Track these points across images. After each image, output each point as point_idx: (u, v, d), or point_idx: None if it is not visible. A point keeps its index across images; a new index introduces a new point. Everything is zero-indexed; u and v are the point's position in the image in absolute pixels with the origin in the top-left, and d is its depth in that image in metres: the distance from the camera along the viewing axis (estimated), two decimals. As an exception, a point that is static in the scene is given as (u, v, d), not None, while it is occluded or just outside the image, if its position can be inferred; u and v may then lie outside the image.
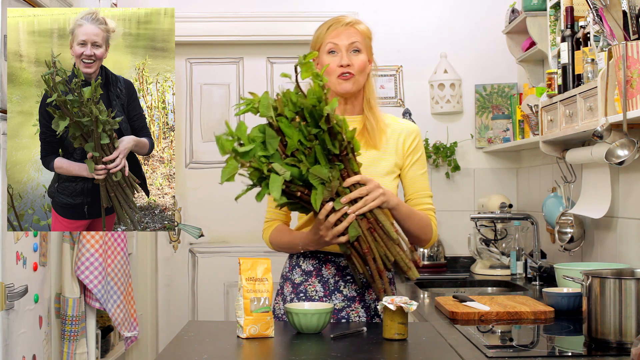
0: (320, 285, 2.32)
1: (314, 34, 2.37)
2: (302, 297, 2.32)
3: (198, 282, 4.37)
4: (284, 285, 2.39)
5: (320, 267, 2.33)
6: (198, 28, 4.22)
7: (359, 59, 2.31)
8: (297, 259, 2.37)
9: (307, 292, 2.32)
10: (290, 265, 2.39)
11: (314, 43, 2.35)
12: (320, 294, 2.31)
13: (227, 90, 4.40)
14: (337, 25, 2.32)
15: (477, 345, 2.01)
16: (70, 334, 2.96)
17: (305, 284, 2.33)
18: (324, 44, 2.31)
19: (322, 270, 2.32)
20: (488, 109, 4.20)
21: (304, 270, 2.34)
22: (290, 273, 2.38)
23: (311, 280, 2.33)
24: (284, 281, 2.40)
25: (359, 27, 2.35)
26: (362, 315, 2.31)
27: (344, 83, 2.30)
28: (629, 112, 2.27)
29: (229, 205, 4.34)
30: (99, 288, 3.04)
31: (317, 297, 2.31)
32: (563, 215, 3.11)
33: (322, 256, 2.33)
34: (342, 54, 2.29)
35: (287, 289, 2.37)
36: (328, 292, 2.31)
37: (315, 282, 2.32)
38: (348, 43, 2.30)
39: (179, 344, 2.00)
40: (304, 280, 2.33)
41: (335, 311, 2.30)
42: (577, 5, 2.81)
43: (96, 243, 3.05)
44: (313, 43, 2.36)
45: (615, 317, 1.94)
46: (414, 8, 4.26)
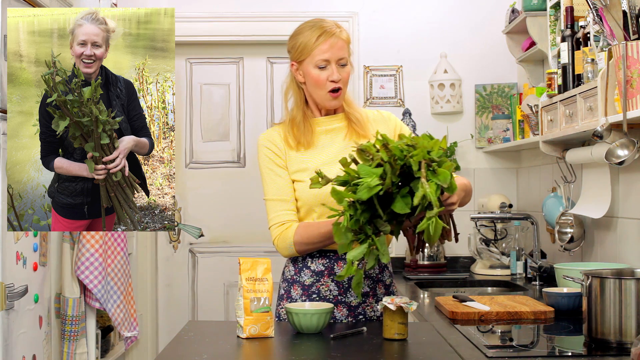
0: (334, 285, 2.31)
1: (298, 39, 2.33)
2: (315, 298, 2.30)
3: (198, 282, 4.37)
4: (290, 288, 2.34)
5: (332, 267, 2.31)
6: (198, 28, 4.22)
7: (346, 72, 2.34)
8: (304, 260, 2.33)
9: (320, 292, 2.30)
10: (297, 268, 2.34)
11: (301, 51, 2.32)
12: (335, 292, 2.30)
13: (227, 90, 4.40)
14: (327, 37, 2.29)
15: (477, 345, 2.01)
16: (70, 334, 2.96)
17: (317, 285, 2.31)
18: (313, 56, 2.30)
19: (335, 269, 2.31)
20: (488, 109, 4.20)
21: (313, 271, 2.31)
22: (297, 276, 2.33)
23: (323, 280, 2.31)
24: (290, 284, 2.34)
25: (344, 36, 2.34)
26: (377, 309, 2.32)
27: (333, 101, 2.33)
28: (629, 112, 2.27)
29: (229, 205, 4.35)
30: (99, 288, 3.04)
31: (331, 296, 2.30)
32: (563, 215, 3.11)
33: (333, 255, 2.32)
34: (333, 69, 2.30)
35: (295, 292, 2.32)
36: (343, 290, 2.30)
37: (328, 281, 2.31)
38: (338, 58, 2.31)
39: (179, 344, 2.00)
40: (316, 281, 2.31)
41: (352, 308, 2.30)
42: (577, 5, 2.81)
43: (96, 243, 3.05)
44: (298, 50, 2.32)
45: (615, 317, 1.94)
46: (414, 8, 4.26)
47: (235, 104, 4.39)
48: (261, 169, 2.38)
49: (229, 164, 4.37)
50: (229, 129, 4.38)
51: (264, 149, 2.36)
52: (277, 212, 2.31)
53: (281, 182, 2.33)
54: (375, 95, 4.23)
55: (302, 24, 2.38)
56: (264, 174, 2.38)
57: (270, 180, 2.35)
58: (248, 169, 4.36)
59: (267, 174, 2.36)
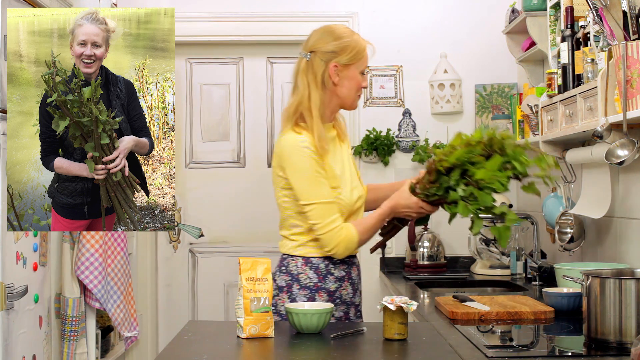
0: (351, 287, 2.47)
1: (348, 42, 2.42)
2: (337, 303, 2.42)
3: (198, 282, 4.37)
4: (315, 295, 2.40)
5: (350, 271, 2.47)
6: (198, 28, 4.22)
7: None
8: (328, 266, 2.41)
9: (342, 296, 2.44)
10: (321, 275, 2.41)
11: (354, 55, 2.42)
12: (350, 294, 2.47)
13: (227, 90, 4.40)
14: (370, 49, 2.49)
15: (477, 345, 2.01)
16: (70, 334, 2.96)
17: (340, 290, 2.43)
18: (364, 61, 2.45)
19: (351, 273, 2.47)
20: (488, 109, 4.20)
21: (337, 277, 2.43)
22: (322, 282, 2.41)
23: (344, 285, 2.45)
24: (314, 292, 2.40)
25: None
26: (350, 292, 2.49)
27: (357, 102, 2.51)
28: (629, 112, 2.27)
29: (229, 205, 4.35)
30: (99, 288, 3.04)
31: (348, 298, 2.45)
32: (563, 215, 3.11)
33: (348, 259, 2.47)
34: (366, 76, 2.49)
35: (320, 299, 2.40)
36: (354, 291, 2.49)
37: (347, 285, 2.45)
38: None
39: (179, 344, 2.00)
40: (338, 286, 2.43)
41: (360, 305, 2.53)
42: (577, 5, 2.81)
43: (96, 243, 3.05)
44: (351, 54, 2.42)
45: (615, 317, 1.94)
46: (414, 8, 4.25)
47: (235, 104, 4.39)
48: (306, 172, 2.35)
49: (229, 164, 4.37)
50: (229, 129, 4.38)
51: (309, 152, 2.35)
52: (331, 216, 2.35)
53: (327, 186, 2.37)
54: (375, 95, 4.23)
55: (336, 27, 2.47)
56: (310, 177, 2.35)
57: (319, 183, 2.36)
58: (248, 169, 4.36)
59: (315, 177, 2.35)
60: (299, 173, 2.34)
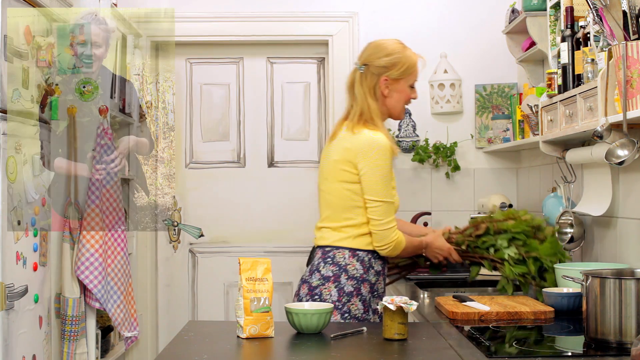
0: (383, 282, 2.63)
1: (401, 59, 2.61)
2: (376, 295, 2.56)
3: (198, 282, 4.37)
4: (360, 286, 2.51)
5: (384, 268, 2.62)
6: (198, 28, 4.22)
7: None
8: (370, 260, 2.54)
9: (378, 290, 2.59)
10: (365, 267, 2.54)
11: (405, 70, 2.61)
12: (383, 289, 2.64)
13: (227, 90, 4.40)
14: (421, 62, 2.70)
15: (477, 345, 2.01)
16: (70, 334, 2.96)
17: (377, 284, 2.58)
18: (414, 75, 2.65)
19: (385, 270, 2.64)
20: (488, 109, 4.20)
21: (376, 270, 2.57)
22: (366, 274, 2.53)
23: (380, 279, 2.60)
24: (360, 282, 2.52)
25: None
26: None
27: (404, 112, 2.70)
28: (629, 112, 2.27)
29: (229, 205, 4.35)
30: (99, 288, 3.04)
31: (382, 292, 2.61)
32: (563, 215, 3.11)
33: (384, 258, 2.60)
34: (416, 89, 2.69)
35: (364, 290, 2.53)
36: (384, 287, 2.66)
37: (382, 280, 2.61)
38: None
39: (179, 344, 2.00)
40: (377, 280, 2.57)
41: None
42: (577, 5, 2.81)
43: (96, 243, 3.05)
44: (403, 69, 2.60)
45: (615, 317, 1.94)
46: (414, 8, 4.25)
47: (235, 104, 4.39)
48: (382, 170, 2.49)
49: (229, 164, 4.37)
50: (229, 129, 4.38)
51: (389, 153, 2.51)
52: (391, 216, 2.52)
53: (392, 187, 2.54)
54: (375, 95, 4.22)
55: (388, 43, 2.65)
56: (384, 175, 2.50)
57: (388, 183, 2.52)
58: (248, 169, 4.36)
59: (388, 176, 2.51)
60: (376, 169, 2.47)
